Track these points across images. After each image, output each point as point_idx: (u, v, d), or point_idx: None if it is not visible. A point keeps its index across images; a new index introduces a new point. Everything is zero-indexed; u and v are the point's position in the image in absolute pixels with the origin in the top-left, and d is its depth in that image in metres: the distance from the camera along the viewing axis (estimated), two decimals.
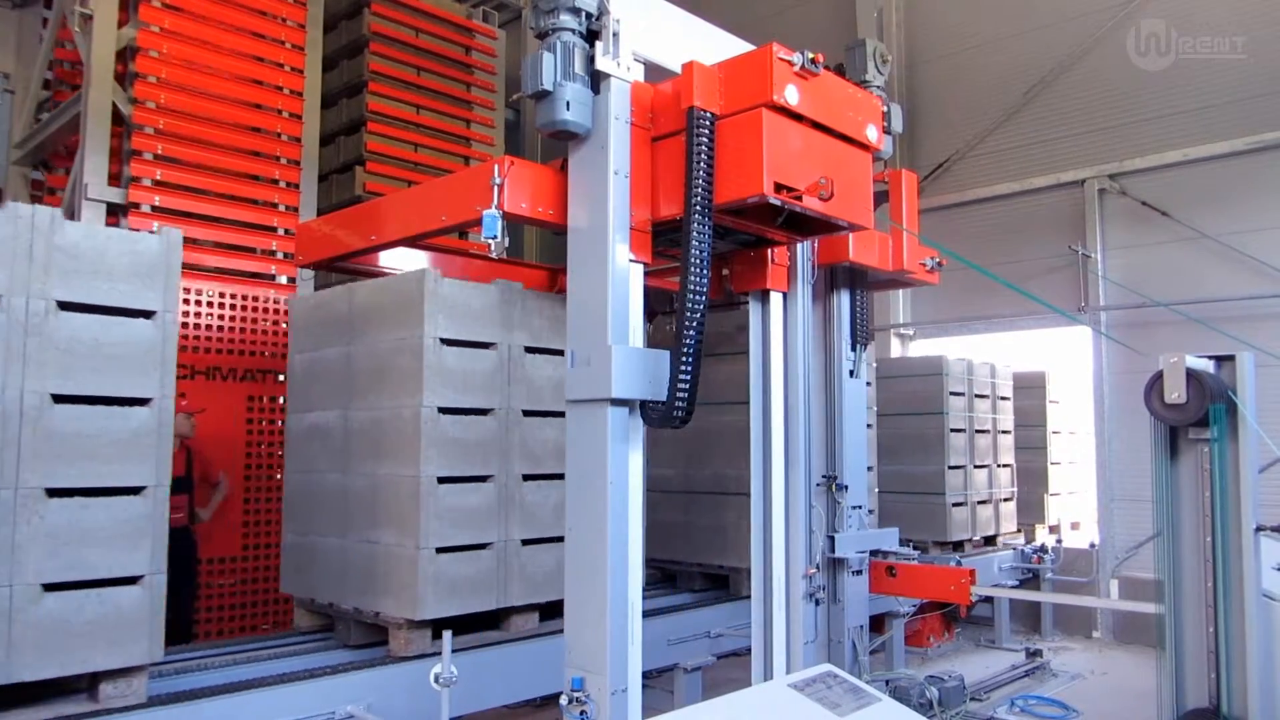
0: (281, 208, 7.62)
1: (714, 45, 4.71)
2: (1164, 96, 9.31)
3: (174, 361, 3.93)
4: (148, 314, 3.82)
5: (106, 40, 6.96)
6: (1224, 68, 8.94)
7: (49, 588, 3.50)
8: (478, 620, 4.87)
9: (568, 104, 4.08)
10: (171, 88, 7.08)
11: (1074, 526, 10.75)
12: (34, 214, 3.57)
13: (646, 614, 5.83)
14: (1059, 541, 9.96)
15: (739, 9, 11.63)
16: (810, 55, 4.15)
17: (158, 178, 6.96)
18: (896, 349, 11.38)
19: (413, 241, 5.37)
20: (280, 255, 7.56)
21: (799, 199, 4.11)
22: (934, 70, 11.09)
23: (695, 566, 6.77)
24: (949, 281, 7.45)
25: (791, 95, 4.08)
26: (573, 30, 4.13)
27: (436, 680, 3.71)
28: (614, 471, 4.03)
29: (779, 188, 4.03)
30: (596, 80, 4.20)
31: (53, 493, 3.53)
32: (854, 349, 6.47)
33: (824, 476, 6.25)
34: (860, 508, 6.42)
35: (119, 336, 3.73)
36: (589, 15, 4.17)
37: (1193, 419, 4.12)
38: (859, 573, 6.27)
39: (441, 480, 4.67)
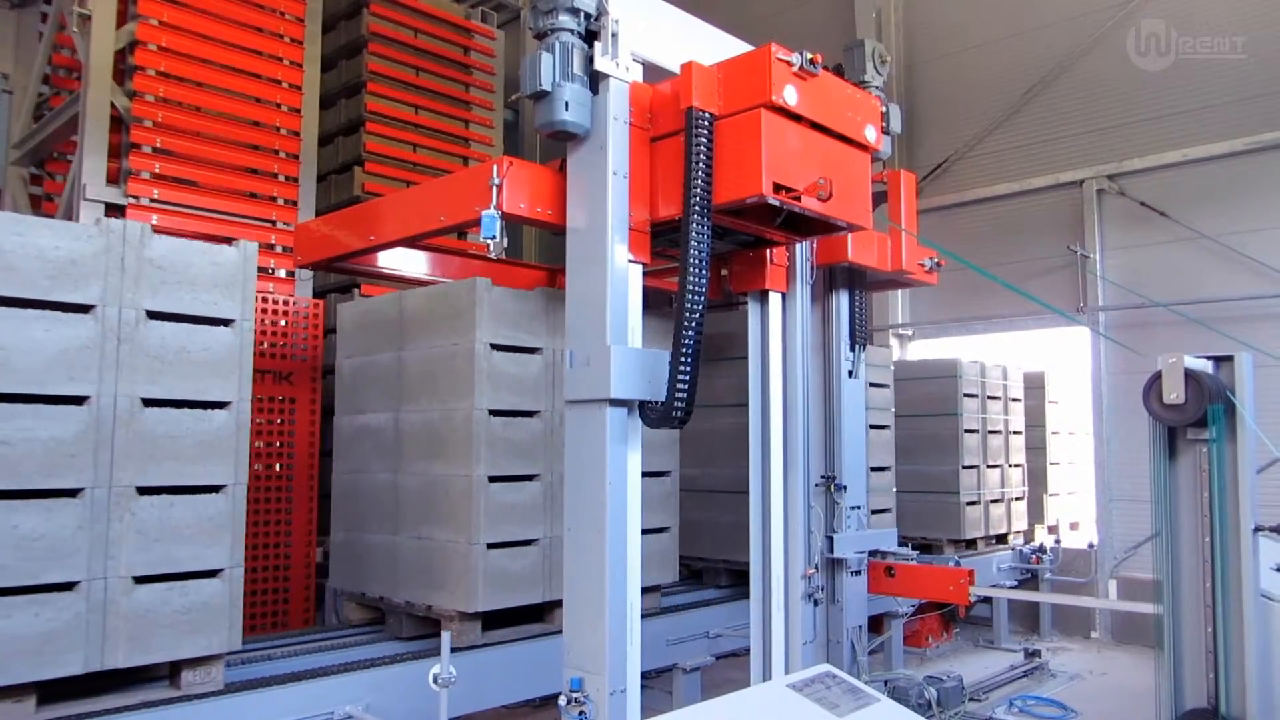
0: (280, 202, 7.61)
1: (713, 45, 4.71)
2: (1163, 97, 9.31)
3: (250, 366, 4.12)
4: (227, 322, 4.04)
5: (105, 40, 6.95)
6: (1222, 68, 8.94)
7: (139, 580, 3.72)
8: (522, 613, 5.02)
9: (566, 104, 4.08)
10: (170, 81, 7.07)
11: (1073, 527, 10.76)
12: (125, 228, 3.78)
13: (673, 609, 5.97)
14: (1057, 542, 9.96)
15: (737, 10, 11.64)
16: (809, 56, 4.15)
17: (156, 171, 6.95)
18: (895, 350, 11.38)
19: (411, 242, 5.38)
20: (279, 249, 7.55)
21: (798, 199, 4.11)
22: (933, 70, 11.09)
23: (721, 563, 6.91)
24: (948, 282, 7.46)
25: (790, 96, 4.08)
26: (571, 31, 4.14)
27: (435, 681, 3.71)
28: (613, 472, 4.03)
29: (778, 188, 4.03)
30: (595, 80, 4.21)
31: (143, 491, 3.75)
32: (853, 349, 6.50)
33: (822, 476, 6.30)
34: (859, 508, 6.47)
35: (201, 343, 3.95)
36: (588, 16, 4.18)
37: (1191, 419, 4.12)
38: (858, 573, 6.31)
39: (492, 479, 4.84)
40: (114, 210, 6.86)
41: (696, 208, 4.01)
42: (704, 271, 4.04)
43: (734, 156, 4.08)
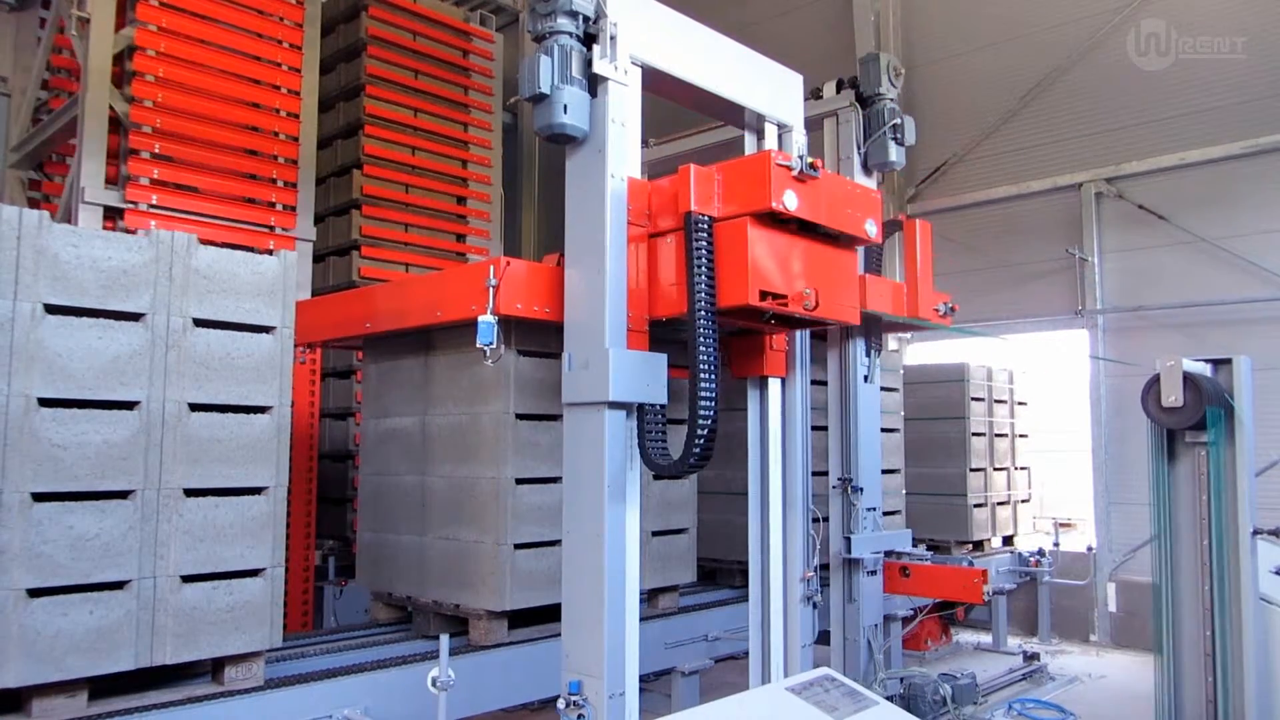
0: (279, 207, 7.61)
1: (711, 49, 4.72)
2: (1161, 101, 9.33)
3: (290, 372, 4.24)
4: (268, 329, 4.15)
5: (103, 43, 6.95)
6: (1220, 72, 8.96)
7: (186, 579, 3.85)
8: (542, 613, 5.06)
9: (565, 107, 4.08)
10: (169, 86, 7.07)
11: (1064, 526, 10.68)
12: (173, 239, 3.92)
13: (689, 609, 6.00)
14: (1056, 545, 9.96)
15: (736, 13, 11.66)
16: (809, 160, 4.20)
17: (155, 176, 6.95)
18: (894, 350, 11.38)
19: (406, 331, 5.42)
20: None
21: (784, 304, 4.17)
22: (931, 73, 11.09)
23: (735, 564, 6.92)
24: (947, 285, 7.48)
25: (790, 201, 4.13)
26: (570, 34, 4.14)
27: (434, 684, 3.71)
28: (611, 474, 4.03)
29: (764, 295, 4.09)
30: (594, 83, 4.21)
31: (190, 493, 3.88)
32: (868, 354, 6.67)
33: (840, 479, 6.53)
34: (875, 509, 6.65)
35: (245, 349, 4.07)
36: (586, 19, 4.18)
37: (1190, 422, 4.12)
38: (874, 573, 6.48)
39: (519, 481, 4.91)
40: (112, 214, 6.86)
41: (702, 314, 4.03)
42: (714, 377, 4.03)
43: (726, 260, 4.12)
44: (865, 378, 6.62)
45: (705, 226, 4.11)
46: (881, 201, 6.22)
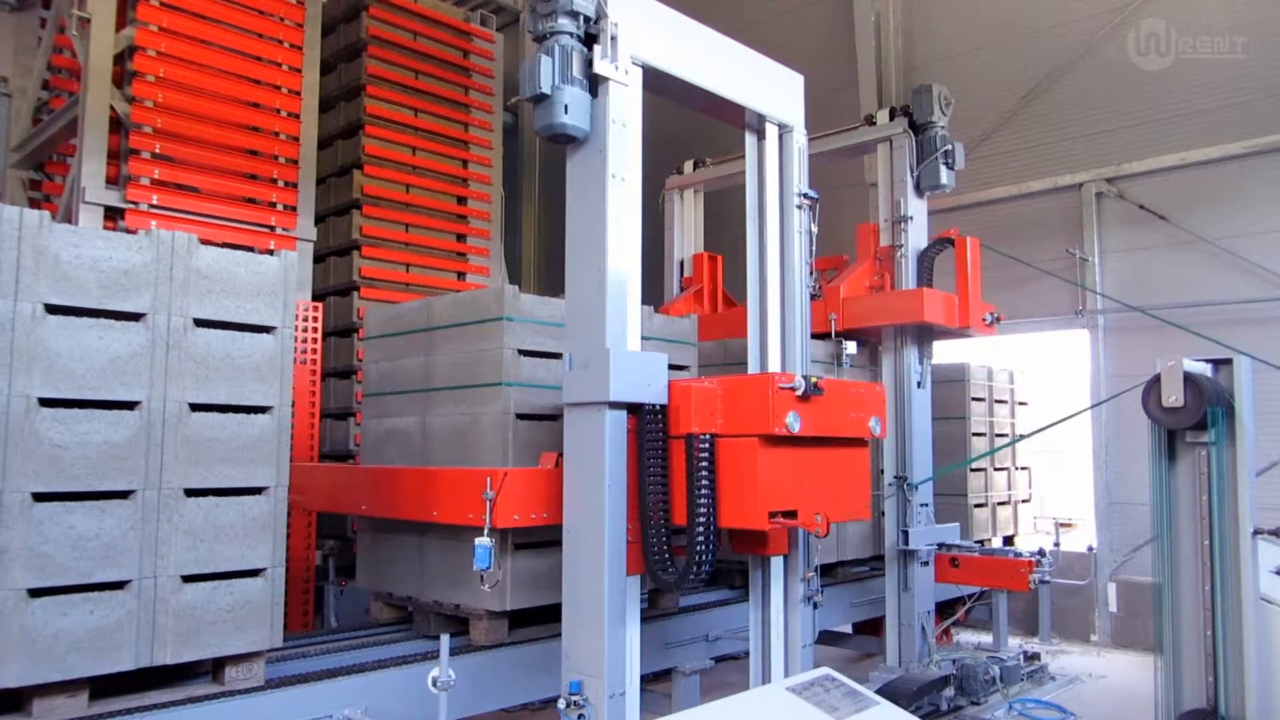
0: (280, 207, 7.61)
1: (712, 49, 4.72)
2: (1161, 101, 9.32)
3: (290, 372, 4.24)
4: (269, 329, 4.15)
5: (104, 43, 6.95)
6: (1221, 72, 8.95)
7: (187, 579, 3.85)
8: (545, 613, 5.07)
9: (566, 107, 4.08)
10: (169, 86, 7.07)
11: (1065, 526, 10.68)
12: (174, 239, 3.92)
13: (689, 609, 6.00)
14: (1056, 545, 9.96)
15: (736, 13, 11.65)
16: (814, 380, 4.22)
17: (155, 176, 6.95)
18: None
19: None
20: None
21: (795, 521, 4.21)
22: (932, 73, 11.06)
23: (736, 564, 6.88)
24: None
25: (793, 423, 4.13)
26: (570, 34, 4.14)
27: (434, 684, 3.70)
28: (611, 474, 4.03)
29: (774, 515, 4.09)
30: (595, 84, 4.21)
31: (190, 492, 3.88)
32: (920, 363, 7.29)
33: (895, 477, 7.18)
34: (927, 505, 7.26)
35: (245, 349, 4.06)
36: (587, 19, 4.18)
37: (1191, 422, 4.12)
38: (926, 564, 7.06)
39: None
40: (113, 214, 6.86)
41: (700, 536, 4.08)
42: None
43: (733, 479, 4.12)
44: (919, 384, 7.19)
45: (706, 448, 4.13)
46: (927, 220, 7.33)
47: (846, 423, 4.48)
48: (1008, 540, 9.72)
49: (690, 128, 9.29)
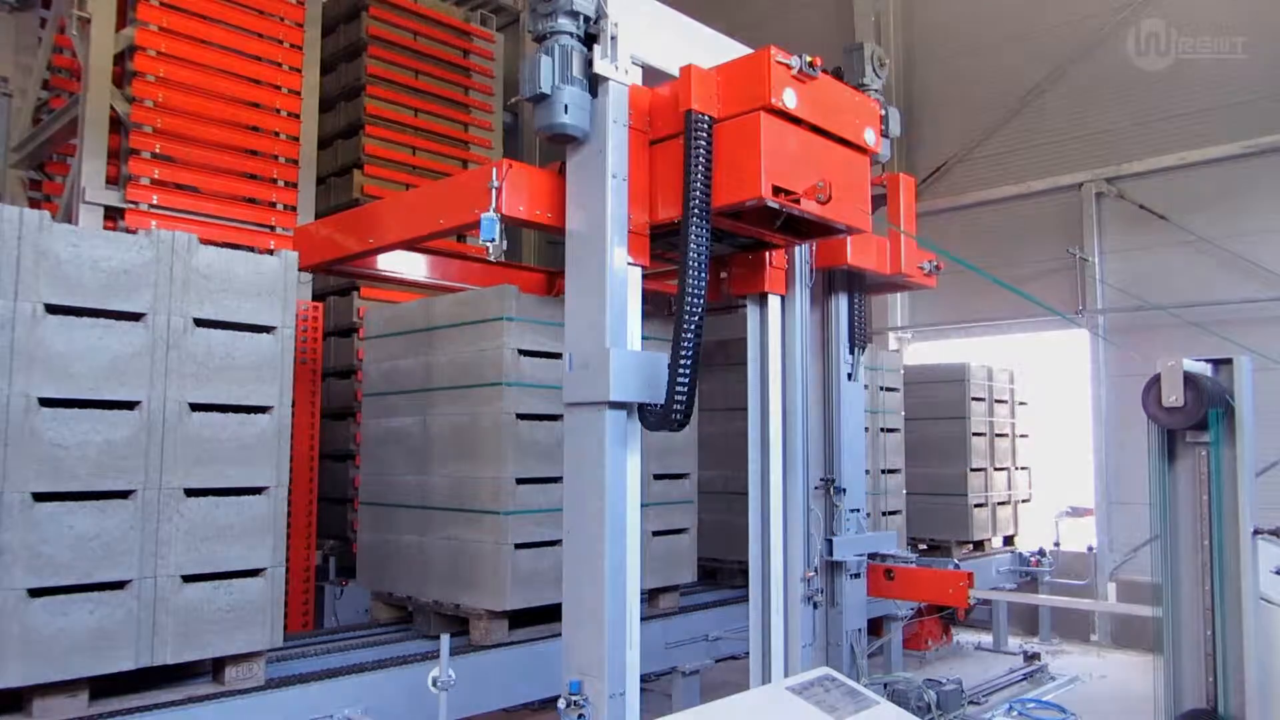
0: (280, 207, 7.61)
1: (712, 49, 4.71)
2: (1161, 101, 9.33)
3: (291, 372, 4.23)
4: (269, 329, 4.15)
5: (104, 43, 6.94)
6: (1220, 72, 8.96)
7: (187, 579, 3.86)
8: (542, 612, 5.08)
9: (566, 107, 4.08)
10: (170, 86, 7.06)
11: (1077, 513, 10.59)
12: (174, 239, 3.93)
13: (689, 609, 6.02)
14: (1056, 544, 9.96)
15: (736, 13, 11.65)
16: (808, 59, 4.16)
17: (155, 176, 6.94)
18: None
19: (410, 245, 5.39)
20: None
21: (796, 202, 4.12)
22: (932, 73, 11.10)
23: (735, 564, 6.92)
24: (947, 285, 7.47)
25: (790, 99, 4.09)
26: (570, 33, 4.14)
27: (434, 684, 3.70)
28: (612, 474, 4.03)
29: (777, 190, 4.04)
30: (595, 83, 4.21)
31: (190, 492, 3.89)
32: (852, 351, 6.49)
33: (821, 479, 6.29)
34: (858, 511, 6.46)
35: (245, 349, 4.08)
36: (587, 19, 4.17)
37: (1191, 422, 4.12)
38: (857, 576, 6.32)
39: (519, 481, 4.93)
40: (113, 214, 6.86)
41: (695, 211, 4.02)
42: (703, 274, 4.04)
43: (733, 159, 4.08)
44: (849, 375, 6.43)
45: (705, 124, 4.09)
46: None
47: (842, 122, 4.40)
48: (1008, 540, 9.74)
49: None
